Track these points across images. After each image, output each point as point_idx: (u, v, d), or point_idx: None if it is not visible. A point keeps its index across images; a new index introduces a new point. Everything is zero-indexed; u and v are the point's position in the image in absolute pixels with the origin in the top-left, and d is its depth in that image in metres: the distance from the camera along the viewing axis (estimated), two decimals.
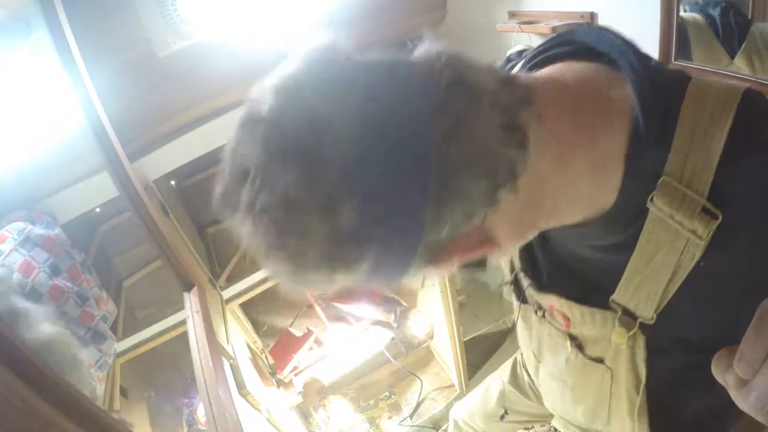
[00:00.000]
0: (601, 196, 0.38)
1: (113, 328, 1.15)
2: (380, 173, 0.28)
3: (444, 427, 1.40)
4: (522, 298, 0.63)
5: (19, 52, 0.94)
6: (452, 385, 1.75)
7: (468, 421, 1.13)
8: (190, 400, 1.50)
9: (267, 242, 0.30)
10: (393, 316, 1.70)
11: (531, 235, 0.41)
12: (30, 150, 1.05)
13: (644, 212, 0.37)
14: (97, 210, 1.25)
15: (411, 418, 1.70)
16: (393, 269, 0.33)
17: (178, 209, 1.68)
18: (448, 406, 1.67)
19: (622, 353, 0.48)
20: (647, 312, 0.41)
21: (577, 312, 0.50)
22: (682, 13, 0.94)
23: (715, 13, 0.92)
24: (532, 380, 0.96)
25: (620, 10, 1.07)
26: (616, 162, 0.36)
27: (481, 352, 1.79)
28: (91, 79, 0.93)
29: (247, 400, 1.15)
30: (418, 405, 1.73)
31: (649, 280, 0.40)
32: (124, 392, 1.25)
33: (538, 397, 0.96)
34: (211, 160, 1.85)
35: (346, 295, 1.76)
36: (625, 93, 0.35)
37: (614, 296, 0.44)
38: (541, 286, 0.55)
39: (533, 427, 1.60)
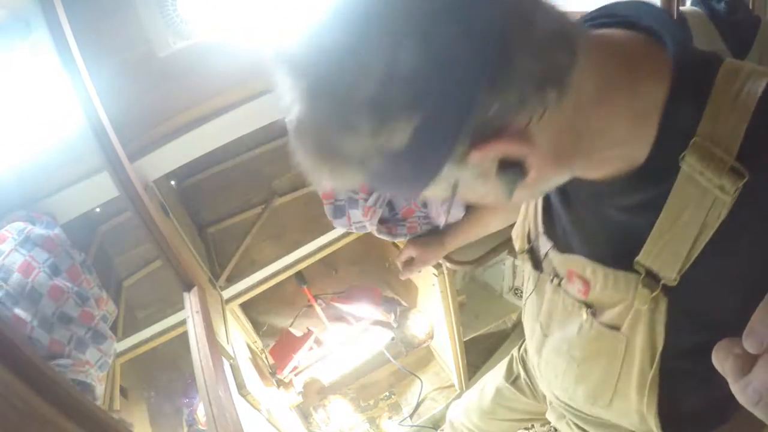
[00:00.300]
0: (634, 149, 0.40)
1: (113, 328, 1.15)
2: (449, 23, 0.28)
3: (443, 427, 1.40)
4: (538, 266, 0.62)
5: (19, 52, 0.94)
6: (452, 385, 1.75)
7: (464, 420, 1.13)
8: (190, 400, 1.50)
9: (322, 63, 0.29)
10: (393, 316, 1.70)
11: (566, 173, 0.41)
12: (30, 150, 1.05)
13: (674, 170, 0.39)
14: (97, 210, 1.25)
15: (411, 418, 1.71)
16: (435, 143, 0.30)
17: (178, 209, 1.68)
18: (448, 406, 1.67)
19: (642, 318, 0.48)
20: (671, 273, 0.42)
21: (600, 274, 0.50)
22: (682, 7, 0.94)
23: (720, 7, 0.90)
24: (528, 376, 0.96)
25: None
26: (652, 115, 0.38)
27: (481, 352, 1.79)
28: (91, 79, 0.92)
29: (247, 400, 1.15)
30: (418, 405, 1.73)
31: (675, 240, 0.41)
32: (124, 392, 1.25)
33: (534, 394, 0.95)
34: (211, 160, 1.86)
35: (347, 296, 1.76)
36: (665, 57, 0.38)
37: (639, 257, 0.44)
38: (566, 248, 0.55)
39: (533, 426, 1.60)
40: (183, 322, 1.04)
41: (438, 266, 1.27)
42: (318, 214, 1.26)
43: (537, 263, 0.62)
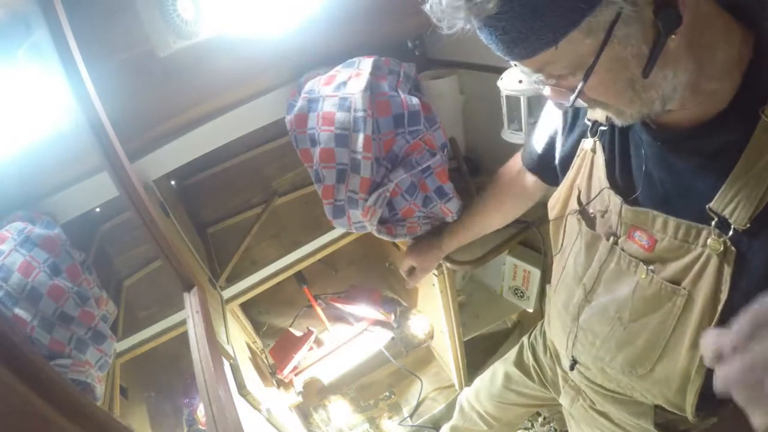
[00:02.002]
0: (723, 89, 0.44)
1: (113, 328, 1.15)
2: None
3: (442, 427, 1.40)
4: (592, 226, 0.62)
5: (18, 51, 0.94)
6: (452, 385, 1.75)
7: (473, 402, 1.14)
8: (190, 400, 1.50)
9: None
10: (393, 316, 1.70)
11: (688, 72, 0.44)
12: (30, 150, 1.05)
13: (754, 120, 0.42)
14: (97, 210, 1.25)
15: (411, 418, 1.70)
16: None
17: (178, 209, 1.68)
18: (449, 406, 1.68)
19: (708, 269, 0.49)
20: (743, 218, 0.45)
21: (671, 225, 0.52)
22: None
23: None
24: (537, 363, 0.97)
25: None
26: (738, 66, 0.43)
27: (481, 352, 1.79)
28: (91, 79, 0.92)
29: (247, 400, 1.15)
30: (418, 405, 1.73)
31: (749, 184, 0.44)
32: (124, 392, 1.25)
33: (542, 381, 0.96)
34: (211, 160, 1.86)
35: (346, 296, 1.76)
36: (754, 25, 0.44)
37: (712, 204, 0.47)
38: (636, 201, 0.56)
39: (533, 426, 1.60)
40: (183, 322, 1.04)
41: (438, 266, 1.27)
42: (318, 214, 1.26)
43: (591, 223, 0.63)
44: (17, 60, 0.95)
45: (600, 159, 0.61)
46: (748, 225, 0.45)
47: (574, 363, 0.78)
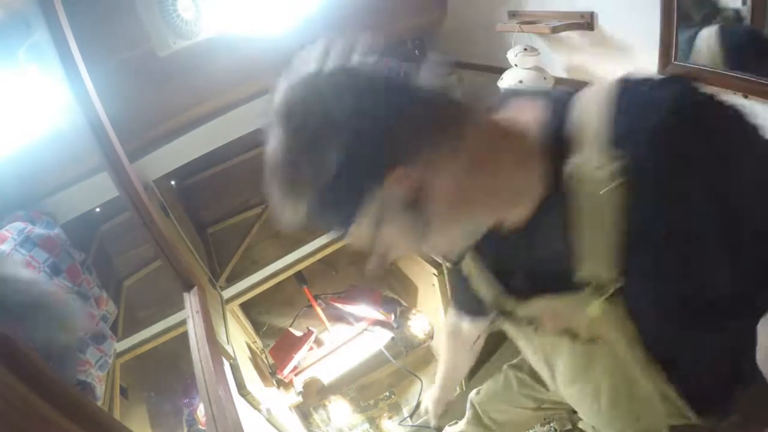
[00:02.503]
0: (530, 189, 0.46)
1: (113, 328, 1.15)
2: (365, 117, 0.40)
3: (442, 426, 1.40)
4: (514, 322, 0.64)
5: (18, 51, 0.94)
6: None
7: (487, 406, 1.14)
8: (190, 400, 1.49)
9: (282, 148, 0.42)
10: (393, 316, 1.70)
11: (471, 217, 0.48)
12: (30, 150, 1.05)
13: (565, 193, 0.44)
14: (97, 210, 1.25)
15: (411, 418, 1.70)
16: (359, 171, 0.41)
17: (178, 209, 1.68)
18: (449, 406, 1.67)
19: (607, 321, 0.51)
20: (610, 273, 0.46)
21: (560, 305, 0.53)
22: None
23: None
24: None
25: (620, 10, 1.07)
26: (535, 159, 0.45)
27: (481, 352, 1.79)
28: (91, 79, 0.93)
29: (247, 400, 1.15)
30: (418, 405, 1.73)
31: (595, 242, 0.45)
32: (124, 392, 1.25)
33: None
34: (211, 160, 1.86)
35: (346, 296, 1.76)
36: (541, 114, 0.47)
37: (577, 275, 0.48)
38: (522, 297, 0.58)
39: (533, 426, 1.60)
40: (183, 322, 1.04)
41: (438, 266, 1.27)
42: None
43: (513, 320, 0.65)
44: (17, 60, 0.95)
45: (485, 274, 0.63)
46: (621, 279, 0.46)
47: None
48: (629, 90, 0.43)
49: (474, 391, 1.19)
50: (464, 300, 0.79)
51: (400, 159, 0.41)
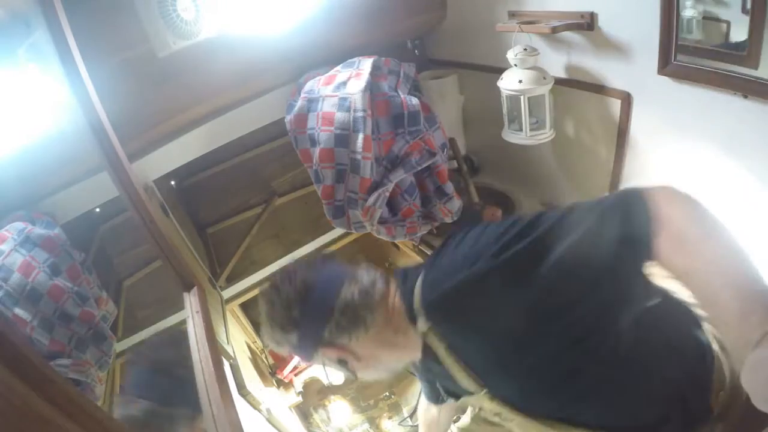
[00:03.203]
0: (414, 342, 0.69)
1: (113, 328, 1.15)
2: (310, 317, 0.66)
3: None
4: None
5: (18, 51, 0.94)
6: None
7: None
8: None
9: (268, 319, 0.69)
10: None
11: (383, 365, 0.73)
12: (30, 150, 1.05)
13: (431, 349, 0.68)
14: (97, 210, 1.25)
15: (411, 418, 1.70)
16: (308, 343, 0.67)
17: (178, 209, 1.68)
18: None
19: (498, 409, 0.70)
20: (477, 389, 0.68)
21: (470, 402, 0.74)
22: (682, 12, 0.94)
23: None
24: None
25: (620, 10, 1.07)
26: (408, 325, 0.68)
27: None
28: (91, 79, 0.93)
29: (247, 400, 1.15)
30: (418, 405, 1.73)
31: (456, 371, 0.68)
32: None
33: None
34: (211, 160, 1.86)
35: None
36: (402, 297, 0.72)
37: (467, 397, 0.72)
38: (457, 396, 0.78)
39: None
40: (183, 322, 1.04)
41: None
42: (318, 214, 1.26)
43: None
44: (17, 60, 0.95)
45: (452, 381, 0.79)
46: (485, 389, 0.68)
47: None
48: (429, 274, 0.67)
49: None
50: (430, 393, 1.00)
51: (328, 342, 0.66)
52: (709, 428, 0.62)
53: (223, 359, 1.05)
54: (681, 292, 0.65)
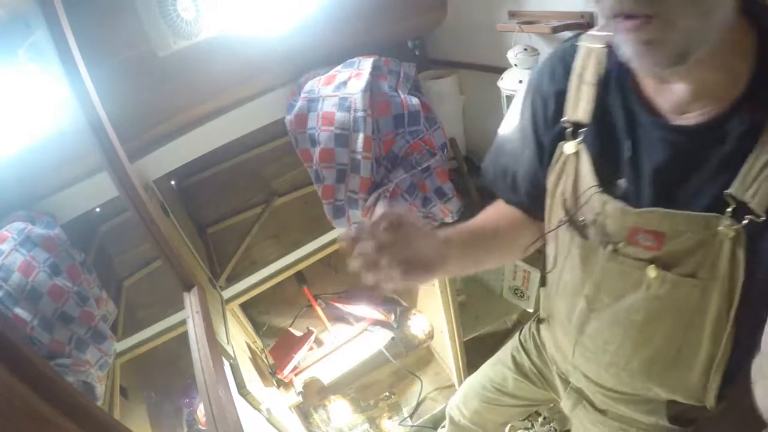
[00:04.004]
0: (738, 71, 0.45)
1: (113, 328, 1.15)
2: None
3: (443, 424, 1.40)
4: (585, 235, 0.60)
5: (19, 51, 0.94)
6: (452, 385, 1.75)
7: (463, 409, 1.13)
8: (190, 400, 1.49)
9: None
10: (393, 316, 1.70)
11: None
12: (30, 150, 1.05)
13: None
14: (97, 210, 1.25)
15: (411, 418, 1.71)
16: None
17: (178, 209, 1.68)
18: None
19: (722, 257, 0.49)
20: (761, 206, 0.45)
21: (681, 221, 0.51)
22: None
23: None
24: (533, 365, 0.95)
25: None
26: (749, 54, 0.45)
27: (481, 352, 1.79)
28: (91, 79, 0.92)
29: (247, 400, 1.15)
30: (418, 405, 1.73)
31: None
32: (124, 392, 1.25)
33: (543, 382, 0.95)
34: (211, 160, 1.86)
35: (347, 296, 1.76)
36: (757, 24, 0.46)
37: (731, 189, 0.47)
38: (637, 202, 0.54)
39: (533, 426, 1.60)
40: (183, 322, 1.04)
41: None
42: (318, 214, 1.26)
43: (583, 232, 0.61)
44: (17, 60, 0.95)
45: (586, 163, 0.59)
46: (764, 217, 0.45)
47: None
48: None
49: (450, 401, 1.18)
50: (526, 190, 0.71)
51: None
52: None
53: (223, 359, 1.05)
54: None
